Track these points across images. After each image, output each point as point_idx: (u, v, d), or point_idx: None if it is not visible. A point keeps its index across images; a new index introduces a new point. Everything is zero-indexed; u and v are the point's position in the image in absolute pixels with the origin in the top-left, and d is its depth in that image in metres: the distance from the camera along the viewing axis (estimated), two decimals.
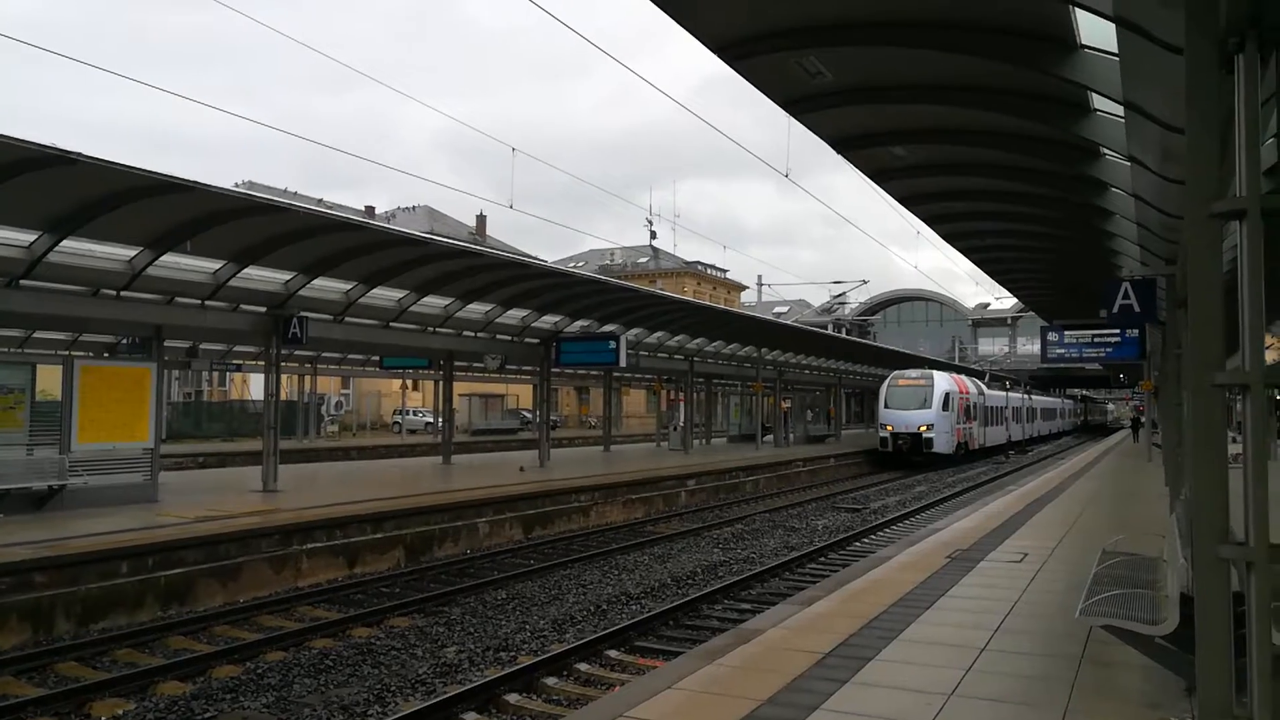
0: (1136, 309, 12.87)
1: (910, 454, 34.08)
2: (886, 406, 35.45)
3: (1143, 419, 54.16)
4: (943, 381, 35.77)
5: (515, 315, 21.00)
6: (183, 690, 7.92)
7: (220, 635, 9.86)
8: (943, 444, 34.48)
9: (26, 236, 11.83)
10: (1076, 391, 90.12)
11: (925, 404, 34.54)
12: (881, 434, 35.21)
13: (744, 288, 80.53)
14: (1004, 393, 48.50)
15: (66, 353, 20.09)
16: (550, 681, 8.09)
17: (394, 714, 7.14)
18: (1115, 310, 13.07)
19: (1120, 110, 6.81)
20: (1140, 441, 41.20)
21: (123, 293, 13.40)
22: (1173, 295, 12.99)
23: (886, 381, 36.74)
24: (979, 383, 43.36)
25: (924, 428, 34.03)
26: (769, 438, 36.01)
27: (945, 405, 34.82)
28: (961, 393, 37.11)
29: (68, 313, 13.61)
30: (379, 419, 55.07)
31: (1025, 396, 54.88)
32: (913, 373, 37.20)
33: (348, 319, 17.28)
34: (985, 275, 20.48)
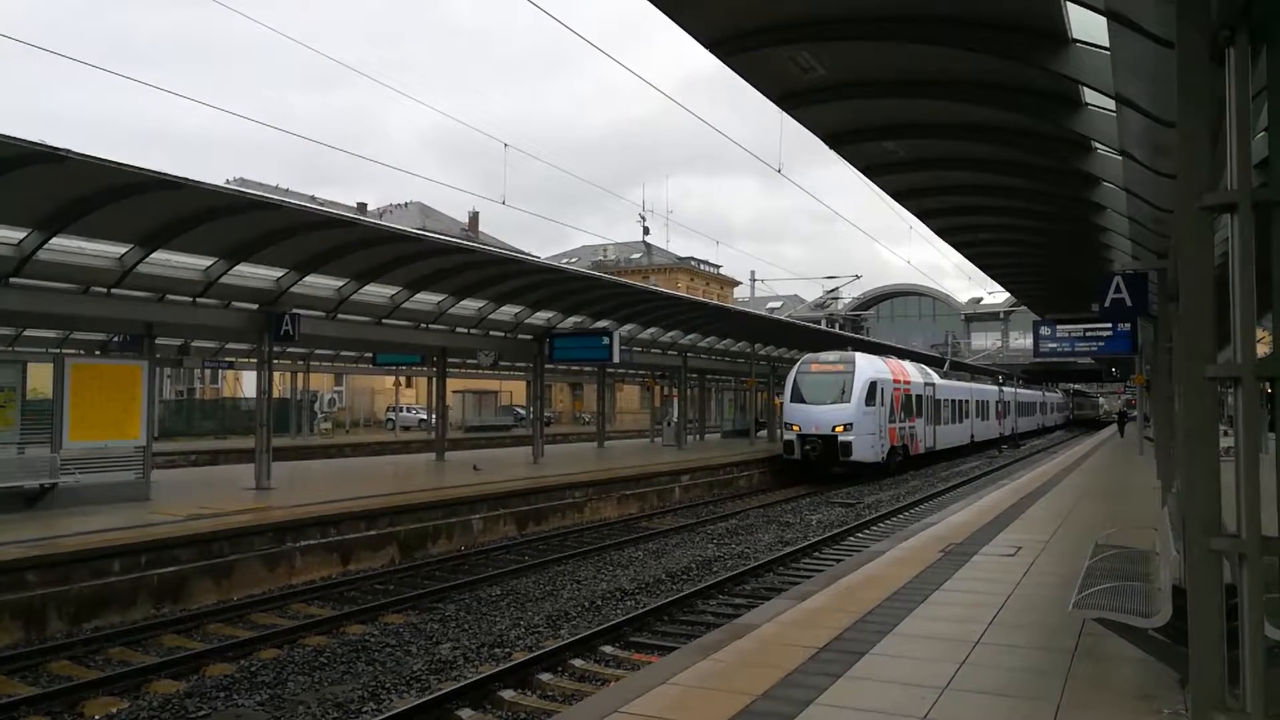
0: (1128, 303, 12.90)
1: (822, 462, 26.28)
2: (793, 400, 27.45)
3: (1130, 413, 53.71)
4: (867, 367, 27.79)
5: (508, 311, 20.98)
6: (176, 689, 7.90)
7: (213, 633, 9.84)
8: (866, 449, 26.61)
9: (16, 234, 11.77)
10: (1070, 386, 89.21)
11: (843, 396, 26.67)
12: (786, 435, 27.06)
13: (737, 283, 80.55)
14: (965, 384, 41.17)
15: (58, 350, 20.04)
16: (545, 678, 8.10)
17: (388, 711, 7.13)
18: (1107, 304, 13.10)
19: (1111, 104, 6.81)
20: (1125, 437, 41.27)
21: (113, 290, 13.34)
22: (1164, 289, 13.02)
23: (795, 368, 28.65)
24: (928, 370, 35.51)
25: (840, 428, 26.10)
26: (763, 433, 36.02)
27: (870, 397, 26.98)
28: (897, 381, 29.44)
29: (58, 310, 13.54)
30: (372, 416, 55.01)
31: (997, 388, 47.98)
32: (829, 356, 28.70)
33: (340, 316, 17.24)
34: (975, 270, 20.51)
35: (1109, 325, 16.96)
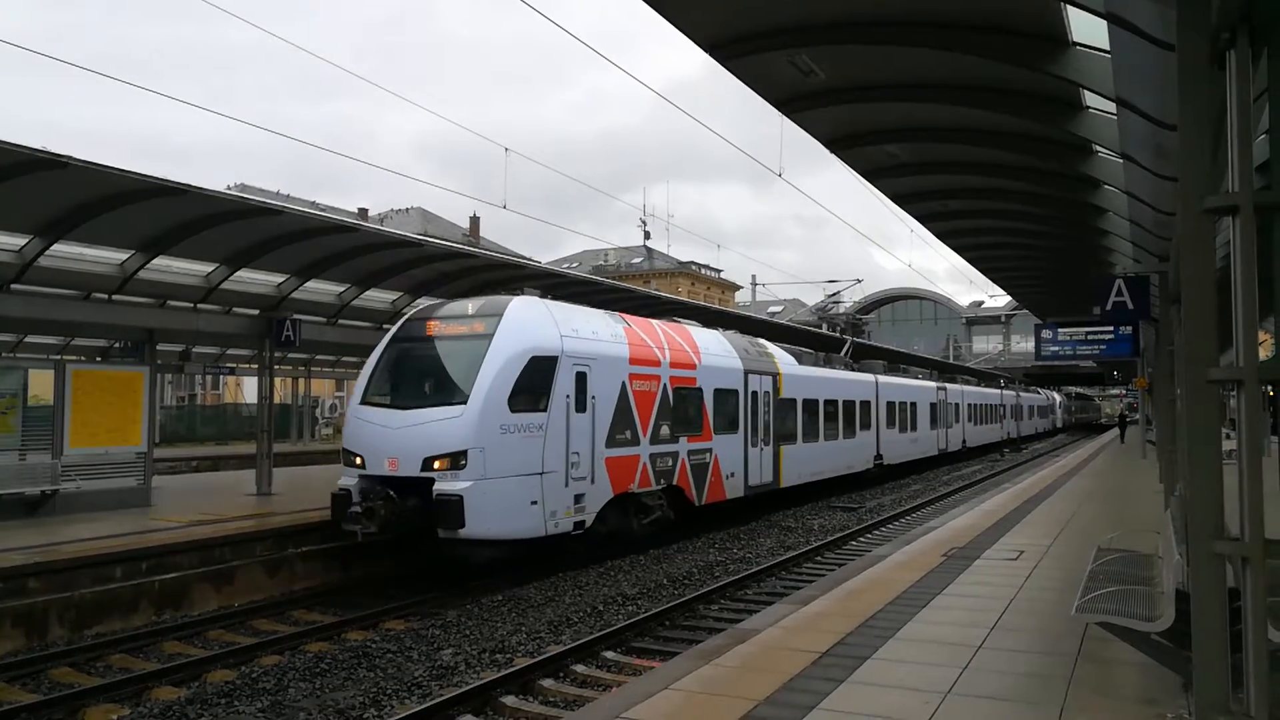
0: (1130, 306, 12.89)
1: (405, 539, 11.97)
2: (365, 399, 12.67)
3: (1131, 416, 53.18)
4: (527, 324, 12.60)
5: None
6: (177, 695, 7.89)
7: (215, 640, 9.84)
8: (506, 509, 11.57)
9: (17, 240, 11.78)
10: (1071, 389, 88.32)
11: (462, 390, 11.83)
12: (344, 478, 12.30)
13: (738, 288, 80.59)
14: (861, 375, 26.48)
15: (59, 357, 20.03)
16: (547, 683, 8.08)
17: (390, 717, 7.12)
18: (1109, 307, 13.08)
19: (1112, 107, 6.81)
20: (1127, 442, 41.09)
21: (115, 296, 13.36)
22: (1166, 292, 13.01)
23: (390, 331, 13.58)
24: (772, 348, 20.80)
25: (440, 462, 11.31)
26: None
27: (527, 391, 12.03)
28: (641, 362, 14.60)
29: (59, 317, 13.56)
30: None
31: (935, 385, 34.35)
32: (465, 305, 13.37)
33: (341, 321, 17.24)
34: (971, 273, 20.48)
35: (1111, 328, 16.94)
